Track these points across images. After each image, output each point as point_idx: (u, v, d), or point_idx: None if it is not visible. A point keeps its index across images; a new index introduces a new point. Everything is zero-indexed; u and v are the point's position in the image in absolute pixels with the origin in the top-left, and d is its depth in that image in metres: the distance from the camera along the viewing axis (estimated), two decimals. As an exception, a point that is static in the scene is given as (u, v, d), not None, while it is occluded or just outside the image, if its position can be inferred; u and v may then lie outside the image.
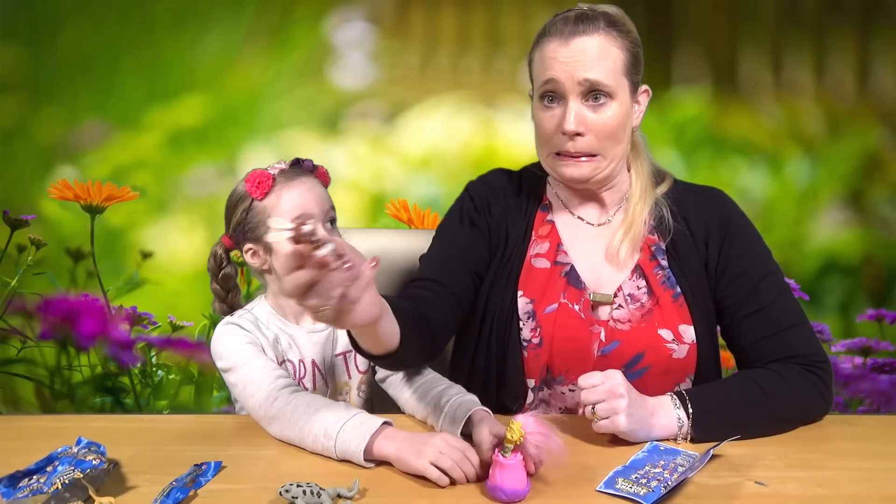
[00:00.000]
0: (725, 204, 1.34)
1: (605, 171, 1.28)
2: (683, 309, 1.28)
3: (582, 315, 1.28)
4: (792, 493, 1.03)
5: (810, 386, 1.23)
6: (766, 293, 1.27)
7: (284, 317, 1.31)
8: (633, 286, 1.29)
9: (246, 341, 1.25)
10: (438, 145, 2.28)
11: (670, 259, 1.30)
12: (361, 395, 1.35)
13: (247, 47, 2.24)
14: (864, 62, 2.27)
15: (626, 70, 1.24)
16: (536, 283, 1.31)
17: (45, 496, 0.97)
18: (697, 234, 1.31)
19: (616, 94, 1.23)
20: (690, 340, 1.27)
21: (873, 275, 2.30)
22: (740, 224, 1.32)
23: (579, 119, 1.23)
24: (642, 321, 1.27)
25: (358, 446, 1.07)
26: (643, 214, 1.30)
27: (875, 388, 2.20)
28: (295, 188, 1.26)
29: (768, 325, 1.26)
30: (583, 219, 1.35)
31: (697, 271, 1.29)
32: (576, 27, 1.23)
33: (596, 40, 1.22)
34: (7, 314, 2.18)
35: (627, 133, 1.29)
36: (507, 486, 0.99)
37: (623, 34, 1.25)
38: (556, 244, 1.33)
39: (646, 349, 1.26)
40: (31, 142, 2.24)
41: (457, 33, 2.26)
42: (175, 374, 2.22)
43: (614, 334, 1.27)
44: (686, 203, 1.33)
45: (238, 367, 1.22)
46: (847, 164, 2.30)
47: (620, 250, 1.30)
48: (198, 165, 2.26)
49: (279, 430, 1.16)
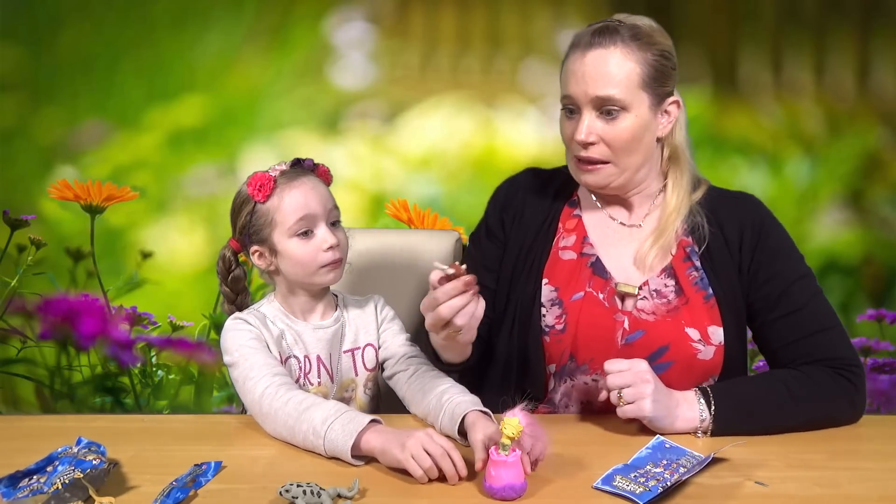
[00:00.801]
0: (759, 208, 1.36)
1: (620, 179, 1.31)
2: (714, 311, 1.29)
3: (606, 304, 1.30)
4: (792, 493, 1.03)
5: (839, 390, 1.23)
6: (799, 296, 1.28)
7: (292, 314, 1.31)
8: (661, 283, 1.31)
9: (251, 336, 1.25)
10: (438, 145, 2.27)
11: (704, 262, 1.31)
12: (368, 393, 1.35)
13: (247, 47, 2.24)
14: (864, 62, 2.27)
15: (643, 83, 1.26)
16: (562, 273, 1.34)
17: (45, 496, 0.97)
18: (731, 238, 1.32)
19: (631, 107, 1.26)
20: (718, 342, 1.28)
21: (873, 275, 2.30)
22: (773, 228, 1.33)
23: (591, 130, 1.26)
24: (668, 316, 1.28)
25: (345, 444, 1.08)
26: (676, 223, 1.32)
27: (875, 388, 2.20)
28: (297, 188, 1.26)
29: (800, 327, 1.27)
30: (613, 218, 1.37)
31: (730, 275, 1.31)
32: (593, 39, 1.26)
33: (612, 53, 1.25)
34: (7, 314, 2.18)
35: (646, 144, 1.30)
36: (505, 482, 0.99)
37: (645, 46, 1.26)
38: (581, 237, 1.36)
39: (670, 343, 1.27)
40: (31, 142, 2.24)
41: (457, 33, 2.26)
42: (175, 374, 2.22)
43: (639, 324, 1.29)
44: (720, 209, 1.34)
45: (240, 362, 1.23)
46: (847, 164, 2.30)
47: (649, 255, 1.31)
48: (198, 165, 2.26)
49: (273, 428, 1.18)
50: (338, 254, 1.27)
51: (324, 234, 1.26)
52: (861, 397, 1.25)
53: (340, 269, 1.30)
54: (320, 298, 1.32)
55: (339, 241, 1.28)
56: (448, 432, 1.16)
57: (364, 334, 1.35)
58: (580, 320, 1.29)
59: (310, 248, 1.26)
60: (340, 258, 1.28)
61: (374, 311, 1.37)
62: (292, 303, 1.31)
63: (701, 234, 1.32)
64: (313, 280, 1.28)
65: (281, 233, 1.26)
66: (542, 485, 1.04)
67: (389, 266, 1.62)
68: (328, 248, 1.26)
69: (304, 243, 1.26)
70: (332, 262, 1.27)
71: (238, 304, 1.34)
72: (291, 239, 1.26)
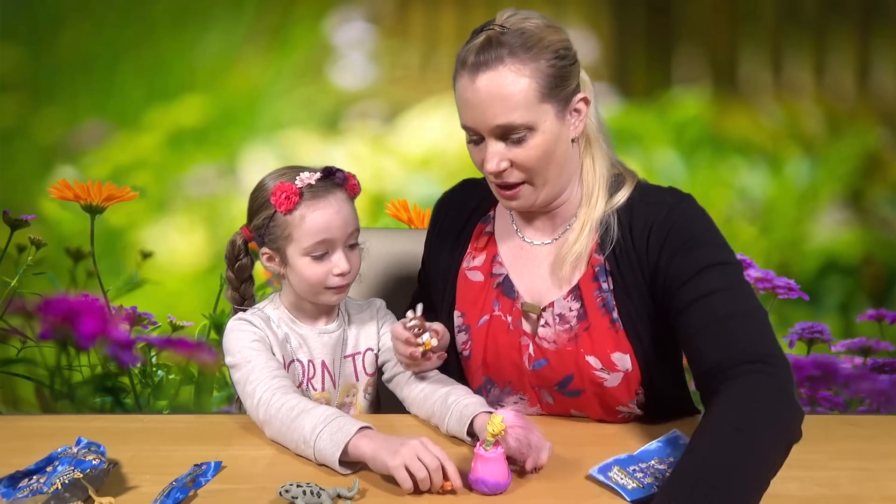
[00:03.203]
0: (673, 208, 1.19)
1: (542, 195, 1.21)
2: (620, 335, 1.20)
3: (511, 326, 1.26)
4: (792, 494, 1.03)
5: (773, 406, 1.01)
6: (712, 282, 1.12)
7: (297, 317, 1.31)
8: (566, 306, 1.23)
9: (254, 338, 1.24)
10: (438, 145, 2.27)
11: (614, 281, 1.21)
12: (367, 398, 1.35)
13: (247, 47, 2.24)
14: (864, 62, 2.27)
15: (542, 95, 1.13)
16: (468, 296, 1.30)
17: (45, 496, 0.97)
18: (639, 244, 1.19)
19: (536, 125, 1.14)
20: (624, 369, 1.20)
21: (873, 275, 2.30)
22: (683, 220, 1.18)
23: (500, 158, 1.16)
24: (568, 345, 1.22)
25: (333, 455, 1.06)
26: (587, 226, 1.22)
27: (875, 388, 2.21)
28: (321, 209, 1.22)
29: (709, 314, 1.10)
30: (523, 236, 1.30)
31: (641, 293, 1.19)
32: (478, 59, 1.13)
33: (502, 75, 1.12)
34: (7, 314, 2.18)
35: (560, 153, 1.18)
36: (488, 478, 1.01)
37: (537, 54, 1.13)
38: (492, 256, 1.31)
39: (574, 373, 1.22)
40: (31, 142, 2.24)
41: (457, 33, 2.25)
42: (175, 374, 2.22)
43: (542, 352, 1.24)
44: (635, 212, 1.21)
45: (241, 364, 1.22)
46: (847, 164, 2.29)
47: (564, 264, 1.22)
48: (198, 165, 2.25)
49: (270, 433, 1.17)
50: (348, 279, 1.26)
51: (338, 259, 1.24)
52: (790, 400, 1.02)
53: (346, 293, 1.29)
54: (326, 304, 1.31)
55: (351, 267, 1.25)
56: (456, 433, 1.17)
57: (364, 338, 1.35)
58: (487, 345, 1.26)
59: (321, 270, 1.24)
60: (349, 283, 1.27)
61: (374, 315, 1.37)
62: (298, 306, 1.30)
63: (609, 238, 1.21)
64: (316, 298, 1.27)
65: (296, 249, 1.23)
66: (534, 479, 1.05)
67: (389, 266, 1.62)
68: (339, 274, 1.24)
69: (317, 265, 1.24)
70: (339, 287, 1.26)
71: (241, 292, 1.32)
72: (305, 257, 1.23)
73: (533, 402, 1.28)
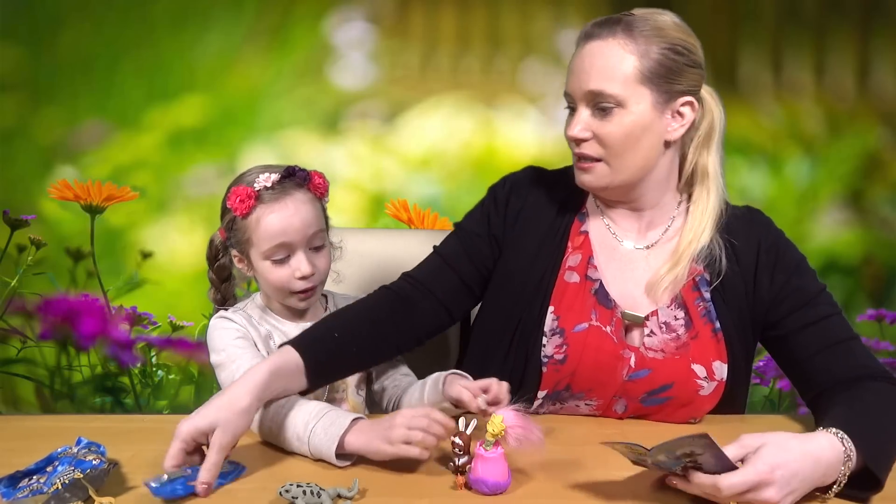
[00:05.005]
0: (770, 227, 1.28)
1: (616, 181, 1.21)
2: (721, 345, 1.21)
3: (614, 338, 1.22)
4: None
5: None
6: (824, 307, 1.22)
7: (279, 314, 1.30)
8: (671, 315, 1.23)
9: (237, 336, 1.24)
10: (438, 145, 2.27)
11: (714, 292, 1.23)
12: (360, 394, 1.34)
13: (247, 47, 2.24)
14: (864, 62, 2.27)
15: (644, 78, 1.16)
16: (565, 298, 1.25)
17: (45, 496, 0.97)
18: (747, 263, 1.24)
19: (627, 103, 1.16)
20: (721, 378, 1.21)
21: (873, 275, 2.31)
22: (787, 245, 1.26)
23: (583, 126, 1.18)
24: (676, 353, 1.21)
25: (329, 448, 1.06)
26: (694, 251, 1.22)
27: (875, 388, 2.20)
28: (277, 212, 1.20)
29: (830, 335, 1.20)
30: (621, 239, 1.28)
31: (741, 306, 1.23)
32: (593, 30, 1.18)
33: (608, 45, 1.16)
34: (7, 314, 2.18)
35: (646, 145, 1.19)
36: (489, 478, 1.00)
37: (651, 39, 1.16)
38: (587, 257, 1.26)
39: (675, 382, 1.21)
40: (31, 142, 2.24)
41: (457, 33, 2.26)
42: (175, 374, 2.22)
43: (645, 362, 1.21)
44: (734, 232, 1.25)
45: (226, 363, 1.22)
46: (847, 164, 2.30)
47: (661, 284, 1.22)
48: (198, 165, 2.26)
49: (260, 433, 1.16)
50: (312, 282, 1.24)
51: (298, 262, 1.22)
52: None
53: (314, 297, 1.27)
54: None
55: (314, 270, 1.23)
56: (435, 401, 1.19)
57: None
58: (584, 354, 1.21)
59: (283, 274, 1.23)
60: (314, 286, 1.25)
61: None
62: (277, 305, 1.30)
63: (716, 268, 1.23)
64: (285, 302, 1.27)
65: (256, 252, 1.23)
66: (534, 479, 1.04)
67: (389, 266, 1.62)
68: (302, 277, 1.23)
69: (278, 268, 1.23)
70: (304, 291, 1.24)
71: (223, 291, 1.32)
72: (266, 261, 1.23)
73: (600, 408, 1.25)
